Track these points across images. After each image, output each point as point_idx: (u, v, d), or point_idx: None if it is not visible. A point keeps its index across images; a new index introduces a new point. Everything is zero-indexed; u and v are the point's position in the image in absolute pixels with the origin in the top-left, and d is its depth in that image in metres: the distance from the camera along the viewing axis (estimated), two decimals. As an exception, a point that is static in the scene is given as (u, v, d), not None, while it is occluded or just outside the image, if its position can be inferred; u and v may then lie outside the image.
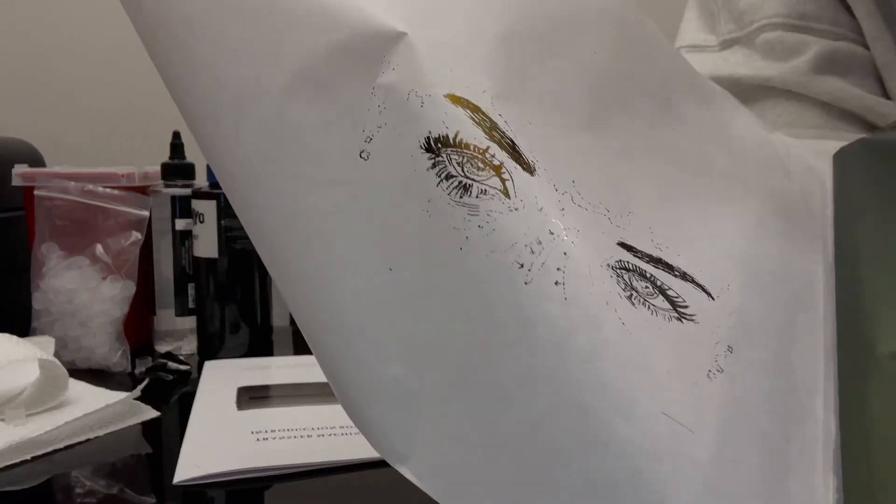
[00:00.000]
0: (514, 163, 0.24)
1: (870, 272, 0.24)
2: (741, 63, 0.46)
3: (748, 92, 0.46)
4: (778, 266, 0.30)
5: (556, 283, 0.23)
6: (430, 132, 0.23)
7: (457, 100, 0.23)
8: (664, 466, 0.22)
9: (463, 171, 0.23)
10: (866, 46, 0.45)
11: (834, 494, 0.25)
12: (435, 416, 0.24)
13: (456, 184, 0.23)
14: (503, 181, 0.23)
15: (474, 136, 0.23)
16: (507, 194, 0.23)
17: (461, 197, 0.23)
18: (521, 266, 0.23)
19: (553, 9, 0.27)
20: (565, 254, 0.23)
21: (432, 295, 0.24)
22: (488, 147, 0.23)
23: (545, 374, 0.22)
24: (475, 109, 0.24)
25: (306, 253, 0.25)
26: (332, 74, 0.24)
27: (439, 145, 0.23)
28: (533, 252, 0.23)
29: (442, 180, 0.23)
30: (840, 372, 0.28)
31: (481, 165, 0.23)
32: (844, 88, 0.44)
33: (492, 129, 0.24)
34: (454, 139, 0.23)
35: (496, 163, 0.23)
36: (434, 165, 0.23)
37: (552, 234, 0.23)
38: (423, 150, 0.23)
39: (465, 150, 0.23)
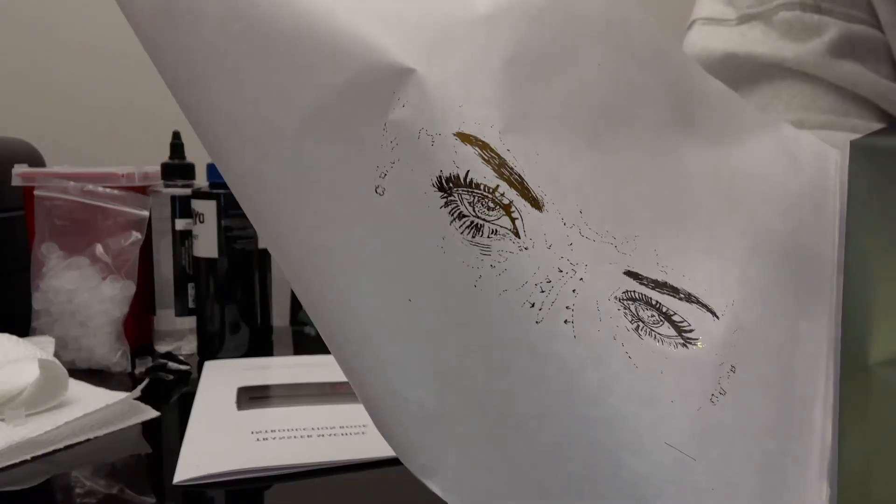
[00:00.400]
0: (523, 200, 0.24)
1: (868, 278, 0.24)
2: (759, 40, 0.46)
3: (763, 71, 0.46)
4: (783, 273, 0.30)
5: (566, 321, 0.24)
6: (441, 171, 0.24)
7: (466, 138, 0.24)
8: (668, 495, 0.23)
9: (474, 210, 0.24)
10: (883, 31, 0.45)
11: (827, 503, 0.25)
12: (457, 438, 0.25)
13: (468, 223, 0.24)
14: (513, 220, 0.24)
15: (484, 175, 0.24)
16: (517, 234, 0.24)
17: (473, 237, 0.24)
18: (532, 306, 0.24)
19: (558, 23, 0.27)
20: (574, 291, 0.24)
21: (450, 327, 0.25)
22: (498, 185, 0.24)
23: (557, 409, 0.24)
24: (484, 146, 0.24)
25: (332, 284, 0.26)
26: (344, 111, 0.24)
27: (451, 185, 0.24)
28: (543, 291, 0.24)
29: (454, 219, 0.24)
30: (839, 378, 0.28)
31: (491, 205, 0.24)
32: (860, 73, 0.44)
33: (501, 166, 0.24)
34: (465, 179, 0.24)
35: (506, 202, 0.24)
36: (447, 204, 0.24)
37: (561, 271, 0.24)
38: (436, 189, 0.24)
39: (475, 190, 0.24)
